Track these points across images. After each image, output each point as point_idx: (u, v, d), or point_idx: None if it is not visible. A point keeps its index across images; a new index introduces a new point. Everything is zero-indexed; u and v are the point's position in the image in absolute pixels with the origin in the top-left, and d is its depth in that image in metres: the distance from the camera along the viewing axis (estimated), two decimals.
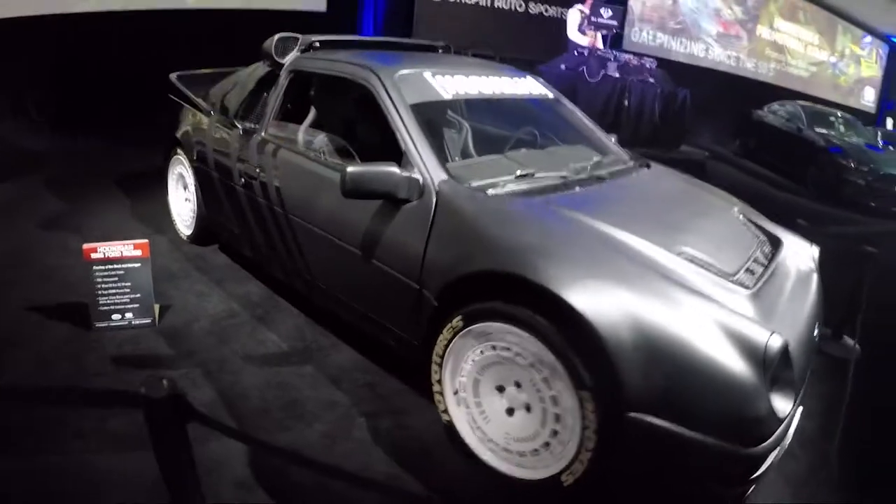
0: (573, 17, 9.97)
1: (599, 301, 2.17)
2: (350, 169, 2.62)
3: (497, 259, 2.40)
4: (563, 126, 3.91)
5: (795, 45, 16.21)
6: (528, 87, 3.86)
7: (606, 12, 9.57)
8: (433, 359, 2.65)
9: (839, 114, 12.93)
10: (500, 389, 2.53)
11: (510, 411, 2.51)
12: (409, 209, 2.72)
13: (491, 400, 2.56)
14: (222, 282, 4.20)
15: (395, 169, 2.68)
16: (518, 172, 2.91)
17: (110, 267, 3.42)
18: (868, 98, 18.49)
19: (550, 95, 3.94)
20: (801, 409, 2.51)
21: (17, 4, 6.98)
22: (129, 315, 3.49)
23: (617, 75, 8.79)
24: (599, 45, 9.86)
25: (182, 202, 4.77)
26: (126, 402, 2.84)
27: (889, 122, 17.32)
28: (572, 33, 9.87)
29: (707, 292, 2.25)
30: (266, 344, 3.51)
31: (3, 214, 5.09)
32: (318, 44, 3.93)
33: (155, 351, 3.36)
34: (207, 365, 3.25)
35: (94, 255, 3.39)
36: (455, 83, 3.38)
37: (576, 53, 9.43)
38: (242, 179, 3.78)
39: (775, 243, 3.00)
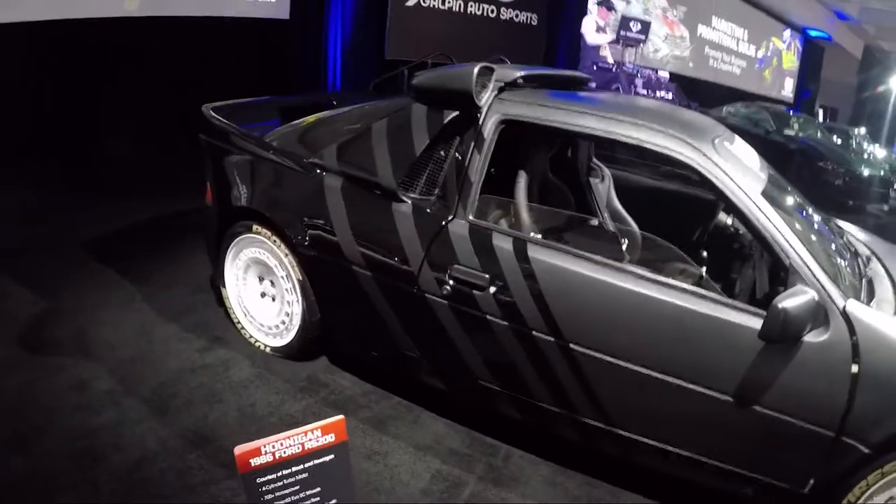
0: (588, 25, 9.00)
1: None
2: (786, 305, 2.02)
3: None
4: None
5: (729, 42, 16.18)
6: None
7: (636, 26, 8.71)
8: None
9: (792, 112, 12.89)
10: None
11: None
12: (813, 343, 2.14)
13: None
14: (385, 425, 2.85)
15: (816, 296, 2.10)
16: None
17: (286, 472, 2.01)
18: (788, 89, 19.09)
19: None
20: None
21: None
22: None
23: (644, 92, 7.98)
24: (627, 58, 8.99)
25: (257, 299, 3.32)
26: None
27: (820, 114, 17.77)
28: (591, 37, 8.88)
29: None
30: None
31: None
32: (521, 80, 2.78)
33: None
34: None
35: (256, 462, 1.96)
36: (745, 155, 2.67)
37: (595, 68, 8.45)
38: (447, 288, 2.48)
39: None
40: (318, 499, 2.07)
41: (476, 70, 2.56)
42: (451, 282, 2.52)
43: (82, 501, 2.29)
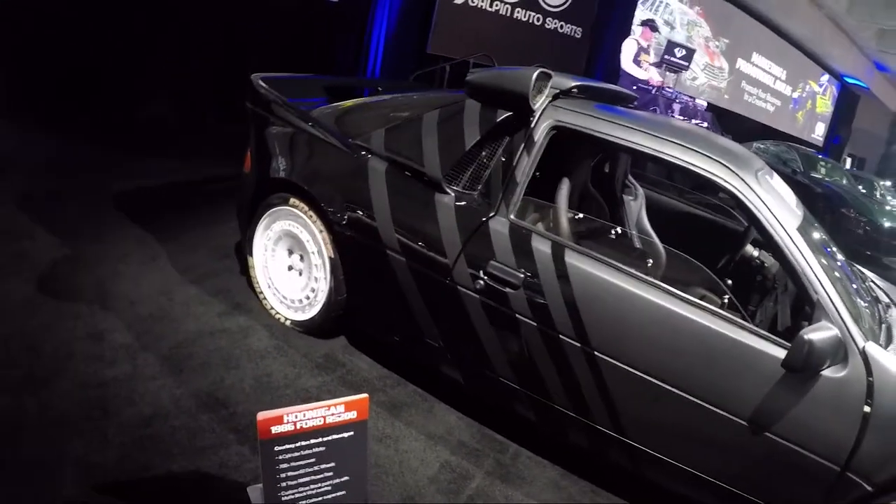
0: (628, 47, 8.98)
1: None
2: (811, 337, 2.07)
3: None
4: None
5: (766, 79, 16.07)
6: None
7: (680, 52, 8.71)
8: None
9: (821, 156, 12.83)
10: None
11: None
12: (830, 378, 2.18)
13: None
14: (400, 410, 2.85)
15: (839, 333, 2.15)
16: None
17: (304, 444, 2.01)
18: (818, 133, 18.96)
19: None
20: None
21: None
22: None
23: (681, 118, 7.95)
24: (667, 82, 8.98)
25: (284, 271, 3.33)
26: None
27: (848, 162, 17.65)
28: (627, 65, 8.88)
29: None
30: None
31: None
32: (576, 90, 2.80)
33: None
34: None
35: (276, 430, 1.97)
36: (783, 190, 2.71)
37: (635, 88, 8.44)
38: (480, 282, 2.49)
39: None
40: (331, 473, 2.08)
41: (535, 74, 2.56)
42: (485, 277, 2.53)
43: (91, 450, 2.28)
